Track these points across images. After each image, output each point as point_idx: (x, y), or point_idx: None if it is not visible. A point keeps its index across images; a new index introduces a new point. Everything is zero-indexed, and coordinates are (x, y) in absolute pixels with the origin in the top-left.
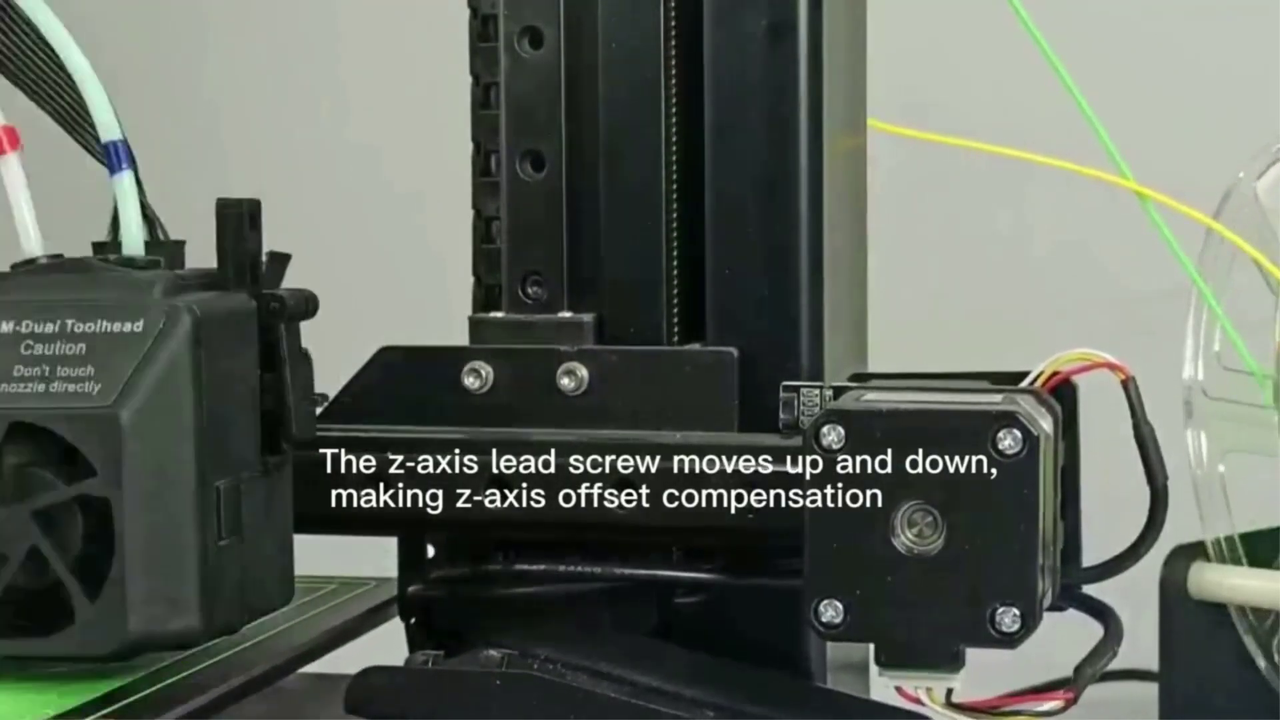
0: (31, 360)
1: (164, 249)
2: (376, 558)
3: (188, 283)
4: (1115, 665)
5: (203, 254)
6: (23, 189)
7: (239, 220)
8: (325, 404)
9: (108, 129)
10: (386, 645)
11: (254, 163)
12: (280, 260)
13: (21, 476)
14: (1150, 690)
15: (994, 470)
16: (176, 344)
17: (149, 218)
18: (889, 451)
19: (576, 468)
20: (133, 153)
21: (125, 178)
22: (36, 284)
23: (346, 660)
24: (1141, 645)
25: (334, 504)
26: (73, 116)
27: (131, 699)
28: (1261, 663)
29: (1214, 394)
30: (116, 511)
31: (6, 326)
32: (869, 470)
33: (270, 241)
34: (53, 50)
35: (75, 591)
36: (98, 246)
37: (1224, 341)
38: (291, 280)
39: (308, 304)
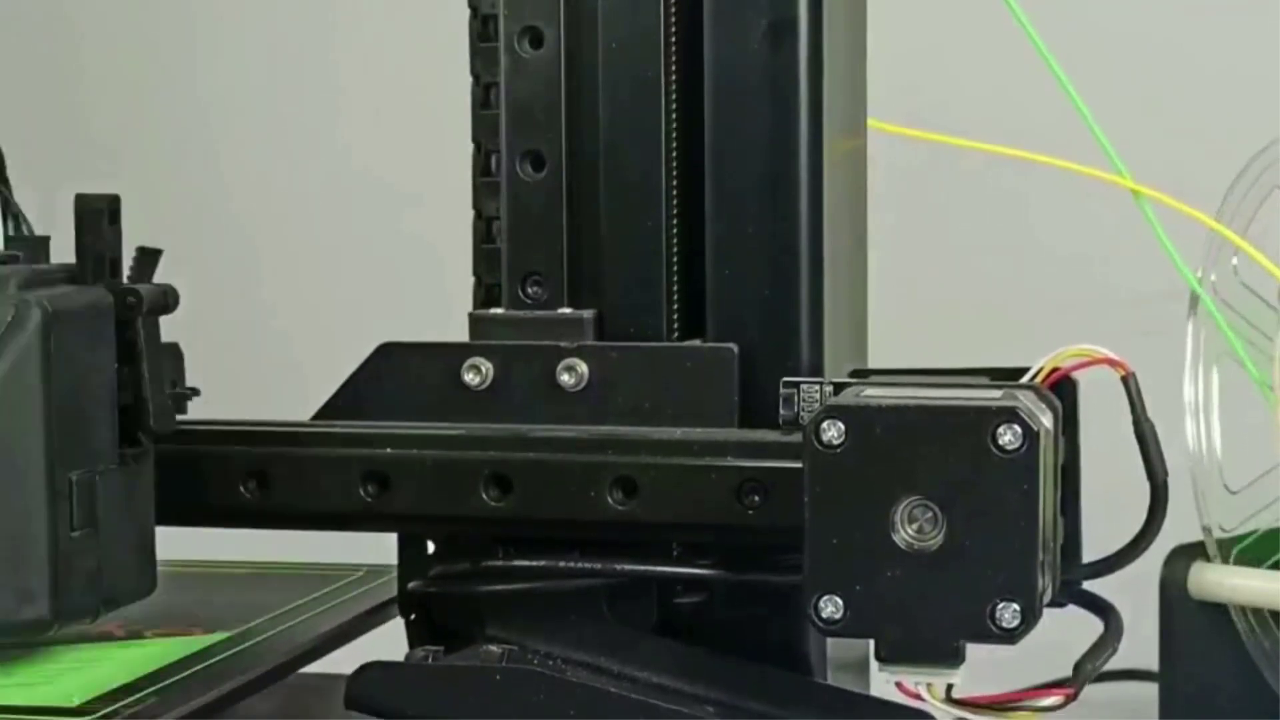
0: None
1: (26, 244)
2: (378, 554)
3: (47, 278)
4: (1115, 665)
5: (194, 255)
6: None
7: (97, 215)
8: (194, 397)
9: None
10: (387, 641)
11: (252, 163)
12: (150, 256)
13: None
14: (1150, 690)
15: (994, 466)
16: (26, 337)
17: (12, 213)
18: (889, 447)
19: (576, 464)
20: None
21: None
22: None
23: (347, 659)
24: (1141, 645)
25: (331, 501)
26: None
27: (135, 697)
28: (1261, 663)
29: (1224, 295)
30: None
31: None
32: (869, 466)
33: (271, 241)
34: None
35: None
36: None
37: (1242, 258)
38: (292, 280)
39: (168, 298)
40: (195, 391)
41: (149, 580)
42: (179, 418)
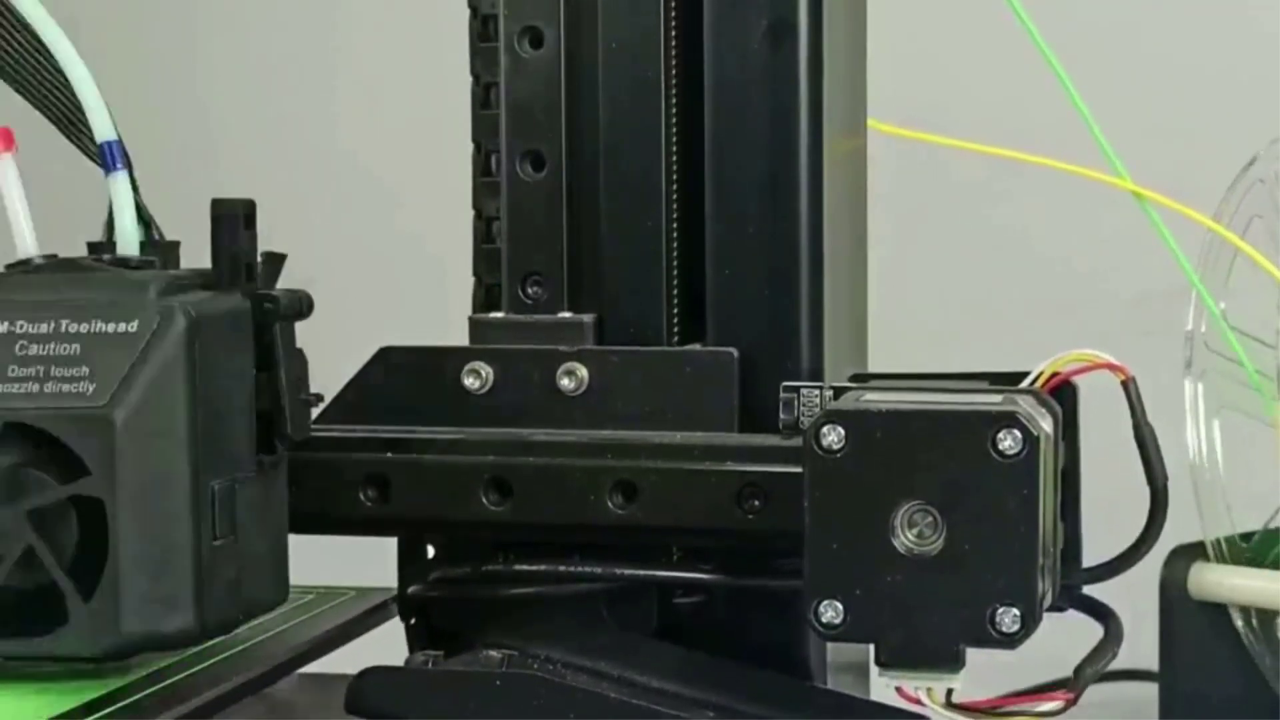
0: (26, 360)
1: (159, 249)
2: (372, 560)
3: (183, 283)
4: (1115, 665)
5: (198, 256)
6: (18, 190)
7: (234, 220)
8: (321, 404)
9: (103, 129)
10: (386, 646)
11: (251, 163)
12: (275, 260)
13: (16, 477)
14: (1150, 690)
15: (994, 471)
16: (171, 344)
17: (144, 218)
18: (889, 452)
19: (576, 468)
20: (128, 153)
21: (120, 178)
22: (31, 284)
23: (347, 661)
24: (1141, 645)
25: (333, 505)
26: (68, 117)
27: (129, 700)
28: (1261, 663)
29: (1215, 348)
30: (110, 512)
31: (1, 327)
32: (869, 471)
33: (269, 243)
34: (48, 51)
35: (70, 592)
36: (92, 247)
37: (1231, 300)
38: (290, 281)
39: (302, 303)
40: (320, 397)
41: (283, 589)
42: None
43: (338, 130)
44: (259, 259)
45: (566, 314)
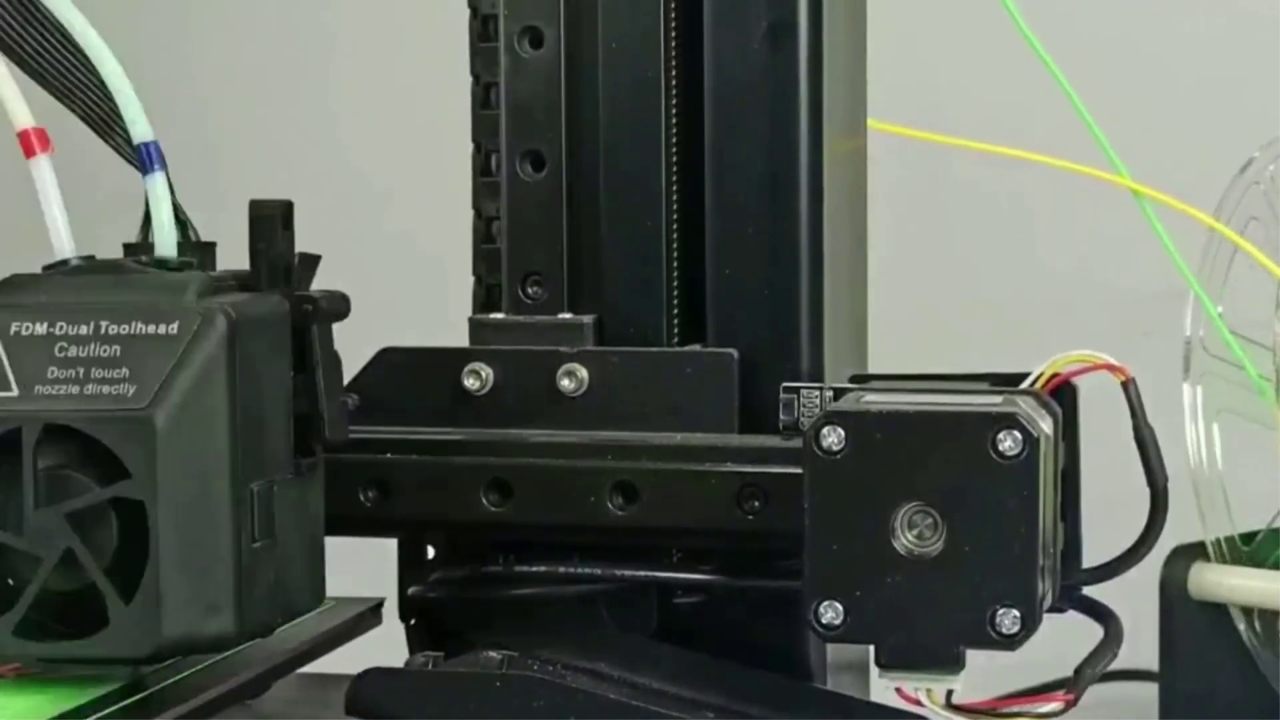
0: (65, 362)
1: (197, 250)
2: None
3: (222, 284)
4: (1115, 665)
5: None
6: (54, 190)
7: (272, 222)
8: (354, 406)
9: (140, 130)
10: (387, 648)
11: (248, 163)
12: (310, 262)
13: (56, 479)
14: (1150, 690)
15: (994, 472)
16: (211, 346)
17: (181, 220)
18: (889, 453)
19: (576, 469)
20: (164, 154)
21: (158, 179)
22: (70, 285)
23: (347, 662)
24: (1142, 646)
25: (334, 505)
26: (103, 118)
27: (129, 700)
28: (1261, 662)
29: (1214, 351)
30: (151, 514)
31: (40, 328)
32: (869, 472)
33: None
34: (82, 52)
35: (110, 594)
36: (129, 248)
37: (1228, 303)
38: None
39: (340, 304)
40: (355, 400)
41: (320, 592)
42: None
43: (336, 130)
44: (296, 261)
45: (567, 315)
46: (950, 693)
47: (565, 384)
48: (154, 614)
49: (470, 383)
